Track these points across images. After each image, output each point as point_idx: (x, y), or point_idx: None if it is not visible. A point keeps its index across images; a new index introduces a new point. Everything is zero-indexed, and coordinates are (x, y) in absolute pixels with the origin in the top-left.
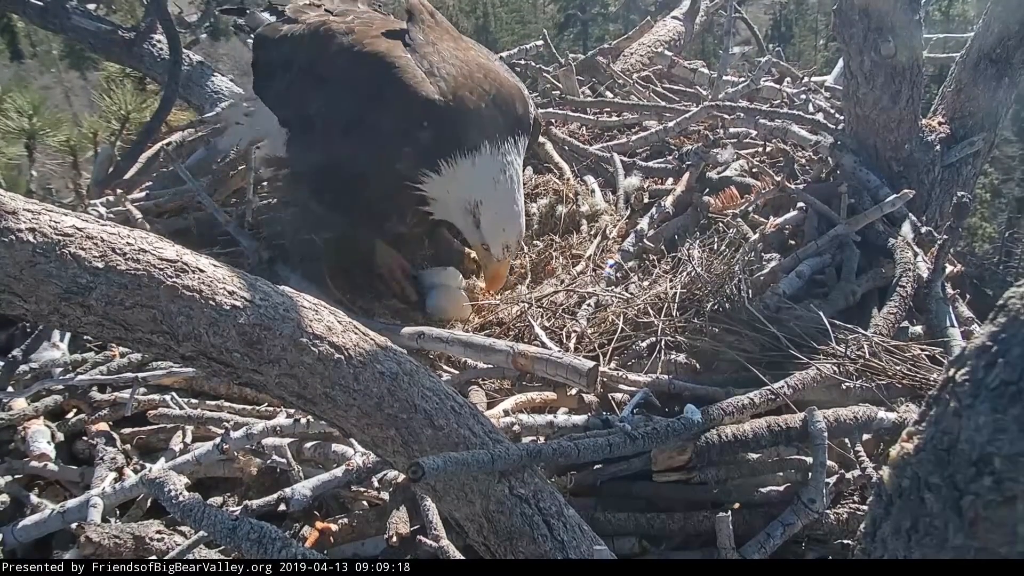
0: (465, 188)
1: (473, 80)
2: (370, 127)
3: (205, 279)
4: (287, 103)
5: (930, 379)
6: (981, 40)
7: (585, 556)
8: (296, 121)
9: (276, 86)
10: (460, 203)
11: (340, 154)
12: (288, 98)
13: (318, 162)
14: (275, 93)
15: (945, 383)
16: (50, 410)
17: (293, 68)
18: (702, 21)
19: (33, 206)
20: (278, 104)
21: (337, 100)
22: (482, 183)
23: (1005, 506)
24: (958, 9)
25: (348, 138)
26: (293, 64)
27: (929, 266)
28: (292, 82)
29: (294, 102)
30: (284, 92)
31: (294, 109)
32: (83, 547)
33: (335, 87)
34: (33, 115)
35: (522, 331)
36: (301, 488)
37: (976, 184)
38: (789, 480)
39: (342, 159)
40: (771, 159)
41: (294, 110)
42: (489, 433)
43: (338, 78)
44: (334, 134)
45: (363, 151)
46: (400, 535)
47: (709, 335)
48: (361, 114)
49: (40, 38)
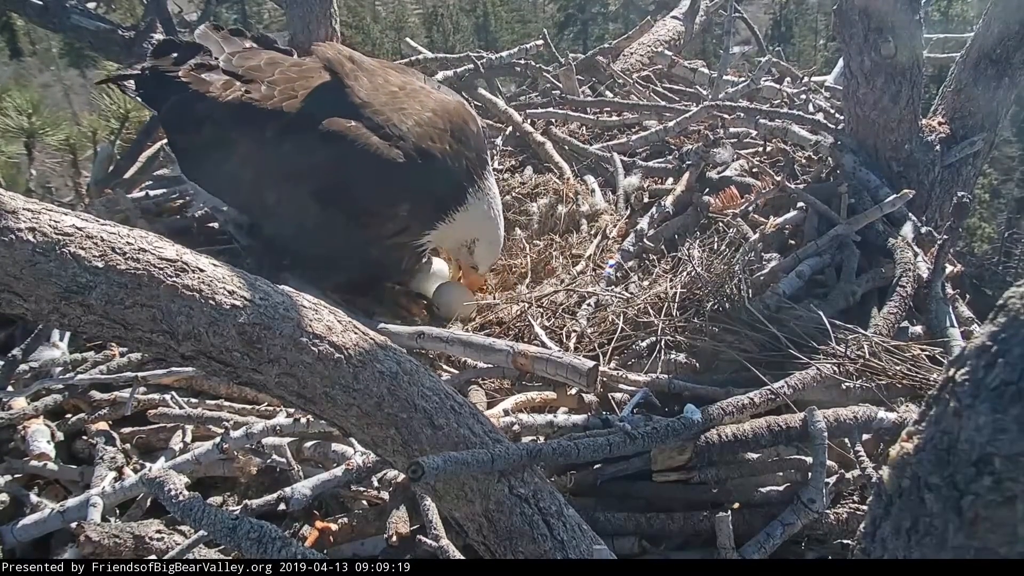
0: (462, 232)
1: (430, 124)
2: (347, 215)
3: (205, 278)
4: (235, 191)
5: (930, 379)
6: (981, 40)
7: (585, 556)
8: (255, 209)
9: (213, 173)
10: (457, 243)
11: (320, 243)
12: (235, 187)
13: (295, 248)
14: (215, 181)
15: (945, 383)
16: (50, 409)
17: (227, 155)
18: (702, 21)
19: (33, 205)
20: (223, 192)
21: (300, 192)
22: (477, 224)
23: (1005, 506)
24: (958, 9)
25: (324, 229)
26: (224, 149)
27: (929, 266)
28: (233, 173)
29: (244, 192)
30: (227, 182)
31: (246, 198)
32: (83, 546)
33: (292, 177)
34: (32, 114)
35: (522, 331)
36: (301, 488)
37: (976, 184)
38: (789, 480)
39: (323, 246)
40: (771, 159)
41: (246, 199)
42: (489, 433)
43: (292, 167)
44: (305, 225)
45: (345, 237)
46: (400, 535)
47: (709, 335)
48: (331, 204)
49: (39, 36)
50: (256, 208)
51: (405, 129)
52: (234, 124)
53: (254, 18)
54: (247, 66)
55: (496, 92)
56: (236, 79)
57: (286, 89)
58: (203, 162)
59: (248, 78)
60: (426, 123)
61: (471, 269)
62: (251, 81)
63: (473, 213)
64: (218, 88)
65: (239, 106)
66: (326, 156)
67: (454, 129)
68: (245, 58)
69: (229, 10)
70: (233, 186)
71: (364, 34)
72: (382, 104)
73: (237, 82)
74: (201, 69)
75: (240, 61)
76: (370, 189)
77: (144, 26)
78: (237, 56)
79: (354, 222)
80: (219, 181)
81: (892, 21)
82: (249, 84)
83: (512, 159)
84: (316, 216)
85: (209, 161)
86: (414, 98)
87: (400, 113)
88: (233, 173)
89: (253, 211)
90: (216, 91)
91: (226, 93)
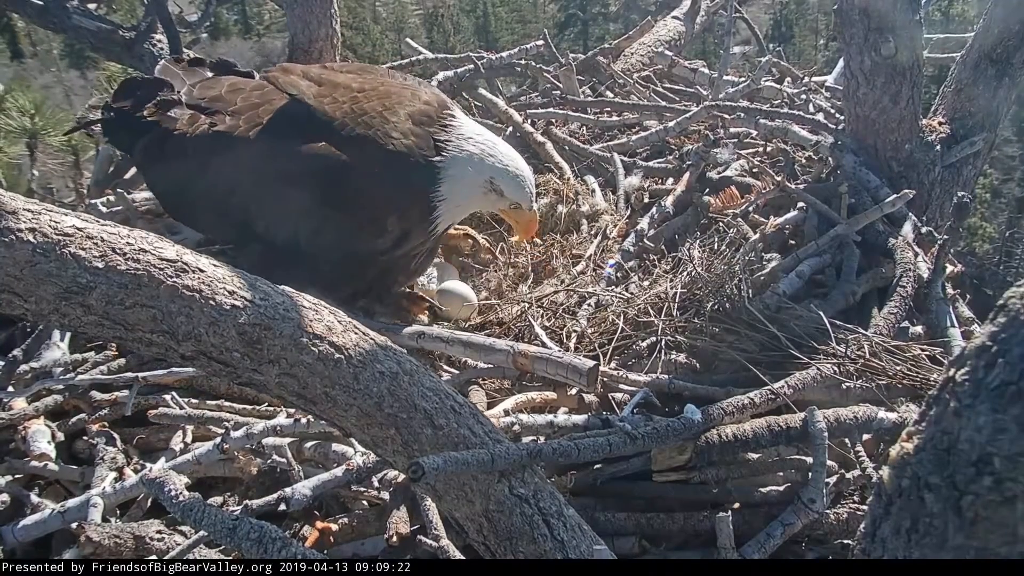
0: (473, 178)
1: (393, 118)
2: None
3: (205, 279)
4: (220, 227)
5: (930, 379)
6: (981, 40)
7: (585, 556)
8: (245, 240)
9: (195, 212)
10: (476, 192)
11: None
12: (220, 224)
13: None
14: (199, 220)
15: (945, 383)
16: (50, 410)
17: (205, 191)
18: (702, 21)
19: (33, 206)
20: (210, 230)
21: (289, 218)
22: (482, 157)
23: (1005, 506)
24: (958, 9)
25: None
26: (200, 186)
27: (929, 266)
28: (216, 209)
29: (228, 227)
30: (211, 219)
31: (233, 233)
32: (83, 547)
33: (277, 204)
34: (34, 114)
35: (522, 331)
36: (301, 488)
37: (976, 184)
38: (789, 480)
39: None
40: (771, 159)
41: (233, 234)
42: (489, 433)
43: (275, 195)
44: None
45: (348, 241)
46: (400, 535)
47: (709, 335)
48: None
49: (40, 37)
50: (246, 239)
51: (371, 133)
52: (206, 159)
53: (254, 18)
54: (209, 96)
55: (496, 92)
56: (200, 112)
57: (251, 117)
58: (183, 201)
59: (212, 109)
60: (390, 120)
61: (518, 211)
62: (215, 112)
63: (456, 162)
64: (184, 124)
65: (208, 140)
66: (308, 180)
67: (412, 114)
68: (206, 88)
69: (229, 11)
70: (218, 222)
71: (364, 34)
72: (344, 115)
73: (201, 116)
74: (165, 106)
75: (201, 92)
76: (358, 204)
77: (144, 26)
78: (198, 87)
79: (353, 238)
80: (203, 219)
81: (892, 21)
82: (214, 116)
83: None
84: (311, 238)
85: (189, 200)
86: (370, 99)
87: (364, 119)
88: (215, 209)
89: (244, 242)
90: (183, 127)
91: (192, 128)
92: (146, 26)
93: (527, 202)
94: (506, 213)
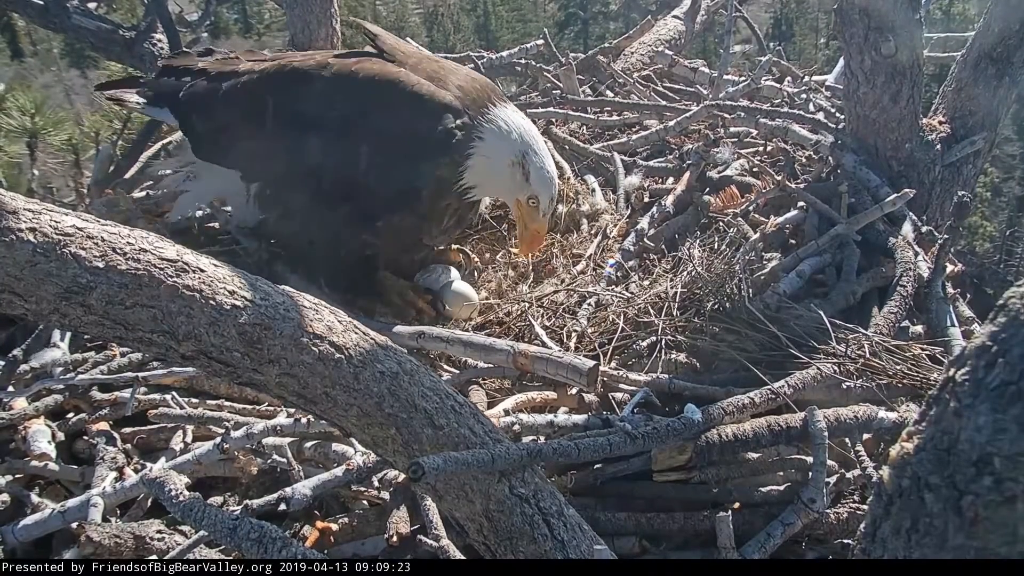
0: (507, 147)
1: (467, 77)
2: (392, 152)
3: (205, 279)
4: (265, 157)
5: (930, 379)
6: (982, 39)
7: (585, 556)
8: (285, 172)
9: (238, 144)
10: (505, 164)
11: (358, 192)
12: (267, 152)
13: (324, 217)
14: (239, 152)
15: (945, 383)
16: (50, 410)
17: (258, 119)
18: (703, 20)
19: (34, 205)
20: (250, 162)
21: (343, 138)
22: (521, 136)
23: (1005, 506)
24: (958, 8)
25: (368, 173)
26: (254, 116)
27: (929, 265)
28: (268, 134)
29: (277, 154)
30: (255, 147)
31: (279, 161)
32: (83, 546)
33: (337, 124)
34: (35, 114)
35: (522, 330)
36: (301, 488)
37: (977, 183)
38: (789, 480)
39: (362, 195)
40: (771, 158)
41: (279, 162)
42: (489, 433)
43: (341, 113)
44: (346, 174)
45: (390, 179)
46: (400, 535)
47: (709, 335)
48: (378, 145)
49: (40, 37)
50: (284, 174)
51: (454, 83)
52: (272, 85)
53: (255, 18)
54: (276, 56)
55: None
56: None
57: (324, 58)
58: (220, 136)
59: (280, 59)
60: (464, 76)
61: (532, 212)
62: (284, 58)
63: (514, 125)
64: (248, 64)
65: (275, 71)
66: (367, 95)
67: (476, 77)
68: (275, 57)
69: (230, 10)
70: (259, 152)
71: (365, 33)
72: (424, 64)
73: (266, 62)
74: (227, 59)
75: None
76: (406, 137)
77: (145, 26)
78: (264, 53)
79: (400, 167)
80: (243, 151)
81: (893, 20)
82: (283, 59)
83: None
84: (357, 169)
85: (229, 134)
86: (433, 61)
87: (443, 68)
88: (265, 135)
89: (278, 178)
90: (247, 67)
91: (259, 65)
92: (146, 26)
93: (547, 200)
94: (520, 208)
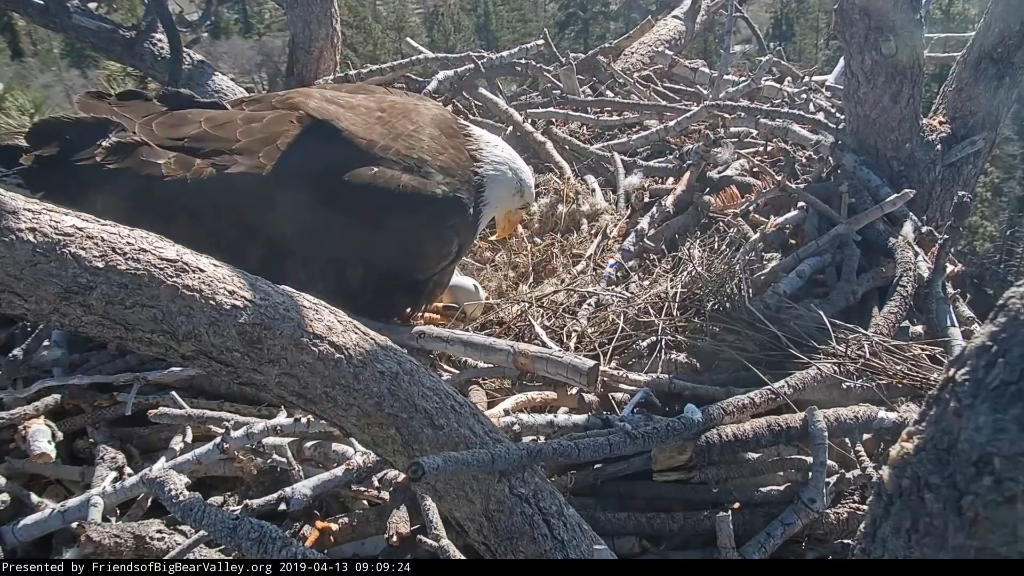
0: (508, 184)
1: (426, 134)
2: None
3: (205, 279)
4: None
5: (930, 379)
6: (982, 39)
7: (585, 555)
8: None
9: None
10: (509, 195)
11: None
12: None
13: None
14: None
15: (945, 383)
16: (50, 410)
17: (231, 240)
18: (703, 20)
19: (34, 205)
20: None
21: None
22: (509, 165)
23: (1005, 506)
24: (959, 8)
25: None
26: (227, 234)
27: (929, 266)
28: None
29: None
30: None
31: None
32: (83, 546)
33: (334, 240)
34: (35, 114)
35: (522, 330)
36: (301, 487)
37: (977, 183)
38: (789, 480)
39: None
40: (771, 158)
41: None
42: (489, 433)
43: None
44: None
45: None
46: (400, 534)
47: (709, 335)
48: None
49: (41, 37)
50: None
51: (418, 157)
52: (227, 204)
53: (255, 17)
54: (188, 136)
55: (497, 92)
56: (188, 154)
57: (271, 153)
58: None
59: (204, 150)
60: (424, 138)
61: (516, 213)
62: (213, 153)
63: (493, 179)
64: (173, 169)
65: (224, 183)
66: (369, 210)
67: (438, 126)
68: (172, 126)
69: (230, 10)
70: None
71: (365, 33)
72: (382, 137)
73: (195, 159)
74: (125, 150)
75: (167, 131)
76: (424, 227)
77: (145, 26)
78: (157, 125)
79: (419, 262)
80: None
81: (893, 20)
82: (214, 157)
83: None
84: (368, 268)
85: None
86: (395, 117)
87: (402, 140)
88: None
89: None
90: (173, 173)
91: (191, 174)
92: (146, 26)
93: (532, 202)
94: (509, 212)
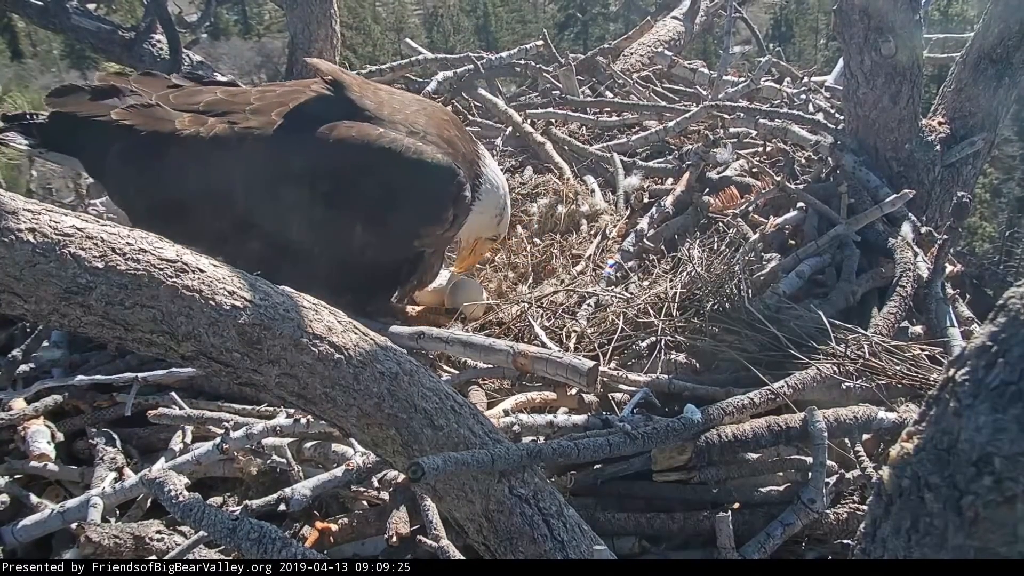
0: (495, 200)
1: (436, 117)
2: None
3: (205, 279)
4: (238, 242)
5: (930, 379)
6: (981, 40)
7: (585, 556)
8: (264, 258)
9: (203, 228)
10: (490, 215)
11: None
12: (240, 238)
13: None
14: (205, 236)
15: (945, 383)
16: (50, 410)
17: (226, 199)
18: (702, 21)
19: (33, 206)
20: (219, 245)
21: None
22: (500, 187)
23: (1005, 506)
24: (958, 9)
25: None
26: (221, 195)
27: (929, 266)
28: (240, 216)
29: (254, 239)
30: (224, 230)
31: (256, 247)
32: (83, 547)
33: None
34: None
35: (522, 331)
36: (301, 488)
37: (976, 184)
38: (789, 480)
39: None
40: (771, 159)
41: (255, 248)
42: (489, 433)
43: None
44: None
45: (390, 253)
46: (400, 535)
47: (709, 335)
48: (374, 220)
49: (40, 38)
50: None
51: (423, 127)
52: (234, 160)
53: (254, 18)
54: (204, 102)
55: (496, 92)
56: (202, 115)
57: (282, 112)
58: (181, 221)
59: (219, 111)
60: (433, 116)
61: (486, 242)
62: (227, 113)
63: (495, 188)
64: (187, 125)
65: (232, 136)
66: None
67: (452, 120)
68: (190, 95)
69: (229, 10)
70: (234, 241)
71: (364, 34)
72: (389, 108)
73: (208, 117)
74: (143, 109)
75: (185, 99)
76: (420, 200)
77: (144, 27)
78: (174, 95)
79: (406, 236)
80: (213, 239)
81: (892, 21)
82: (228, 116)
83: (512, 159)
84: (359, 238)
85: (195, 217)
86: (410, 102)
87: (413, 113)
88: (235, 227)
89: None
90: (187, 128)
91: (205, 129)
92: (146, 26)
93: (503, 233)
94: (480, 241)
